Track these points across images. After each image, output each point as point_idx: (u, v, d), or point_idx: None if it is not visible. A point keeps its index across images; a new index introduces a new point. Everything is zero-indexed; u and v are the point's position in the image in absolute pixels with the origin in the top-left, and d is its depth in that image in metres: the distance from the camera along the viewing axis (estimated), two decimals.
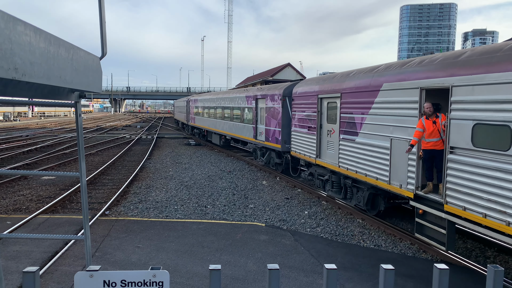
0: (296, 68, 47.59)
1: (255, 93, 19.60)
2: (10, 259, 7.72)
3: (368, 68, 10.89)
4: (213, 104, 28.39)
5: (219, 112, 26.76)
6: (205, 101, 31.25)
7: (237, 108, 22.61)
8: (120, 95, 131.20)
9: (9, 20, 1.45)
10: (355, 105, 10.86)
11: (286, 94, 16.16)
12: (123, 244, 8.70)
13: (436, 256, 8.57)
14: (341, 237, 9.87)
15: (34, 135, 36.29)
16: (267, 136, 17.88)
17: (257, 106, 19.43)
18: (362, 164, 10.51)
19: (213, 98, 28.69)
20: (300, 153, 14.73)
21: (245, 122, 21.07)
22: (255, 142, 19.73)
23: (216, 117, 27.37)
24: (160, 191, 14.38)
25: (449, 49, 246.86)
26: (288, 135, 16.15)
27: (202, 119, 32.67)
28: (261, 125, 18.76)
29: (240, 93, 22.59)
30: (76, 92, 2.47)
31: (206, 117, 30.76)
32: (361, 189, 11.14)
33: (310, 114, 13.77)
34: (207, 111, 30.38)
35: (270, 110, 17.48)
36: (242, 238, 9.32)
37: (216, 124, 27.45)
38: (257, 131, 19.40)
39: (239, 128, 22.26)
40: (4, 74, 1.43)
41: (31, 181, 15.80)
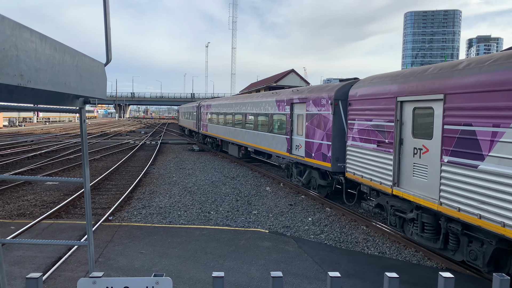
0: (300, 74, 47.65)
1: (290, 96, 15.91)
2: (13, 264, 7.73)
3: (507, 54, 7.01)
4: (231, 110, 24.72)
5: (238, 120, 23.20)
6: (221, 107, 27.36)
7: (263, 114, 18.90)
8: (124, 101, 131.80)
9: (15, 27, 1.46)
10: (478, 113, 7.18)
11: (339, 96, 12.48)
12: (126, 250, 8.69)
13: (441, 264, 8.50)
14: (345, 244, 9.81)
15: (38, 141, 36.48)
16: (308, 150, 14.08)
17: (292, 113, 15.67)
18: (492, 206, 6.78)
19: (231, 103, 24.99)
20: (363, 177, 10.91)
21: (275, 132, 17.39)
22: (290, 157, 15.83)
23: (235, 125, 23.80)
24: (163, 197, 14.38)
25: (453, 56, 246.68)
26: (341, 151, 12.39)
27: (216, 127, 28.64)
28: (299, 137, 15.05)
29: (267, 97, 18.83)
30: (80, 98, 2.48)
31: (222, 124, 26.95)
32: (481, 240, 7.39)
33: (380, 124, 10.14)
34: (223, 118, 26.58)
35: (313, 117, 13.71)
36: (245, 244, 9.29)
37: (234, 133, 23.89)
38: (292, 144, 15.66)
39: (266, 138, 18.53)
40: (9, 81, 1.44)
41: (35, 186, 15.86)
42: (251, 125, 20.78)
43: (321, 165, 13.25)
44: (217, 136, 28.63)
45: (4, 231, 9.76)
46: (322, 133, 13.14)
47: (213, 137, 30.33)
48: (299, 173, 15.59)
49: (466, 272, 7.97)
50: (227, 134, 25.47)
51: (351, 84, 12.54)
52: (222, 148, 28.25)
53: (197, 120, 36.63)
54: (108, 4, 2.53)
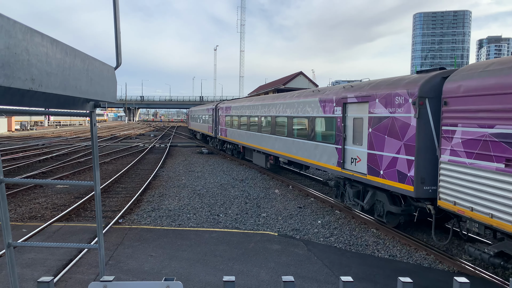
0: (308, 76, 47.57)
1: (342, 94, 12.41)
2: (25, 267, 7.80)
3: None
4: (256, 113, 21.38)
5: (266, 124, 19.81)
6: (244, 109, 23.95)
7: (301, 117, 15.54)
8: (134, 104, 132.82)
9: (27, 31, 1.47)
10: None
11: (425, 93, 9.17)
12: (136, 253, 8.72)
13: (452, 268, 8.38)
14: (355, 247, 9.74)
15: (50, 144, 36.89)
16: (373, 165, 10.73)
17: (345, 116, 12.22)
18: None
19: (256, 104, 21.54)
20: (473, 209, 7.77)
21: (318, 140, 14.01)
22: (342, 173, 12.34)
23: (261, 130, 20.37)
24: (173, 200, 14.42)
25: (463, 56, 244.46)
26: (429, 169, 9.15)
27: (238, 132, 25.08)
28: (356, 147, 11.61)
29: (307, 96, 15.35)
30: (91, 102, 2.50)
31: (245, 129, 23.49)
32: None
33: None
34: (246, 121, 23.21)
35: (381, 122, 10.37)
36: (254, 247, 9.27)
37: (260, 139, 20.52)
38: (345, 156, 12.22)
39: (304, 148, 15.17)
40: (21, 85, 1.45)
41: (46, 189, 16.02)
42: (283, 130, 17.35)
43: (396, 187, 9.74)
44: (238, 143, 25.14)
45: (16, 234, 9.86)
46: (398, 144, 9.73)
47: (233, 143, 26.77)
48: (357, 195, 11.87)
49: (479, 276, 7.85)
50: (252, 141, 22.13)
51: (442, 75, 9.24)
52: (245, 156, 24.96)
53: (214, 123, 32.80)
54: (118, 8, 2.54)
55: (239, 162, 26.01)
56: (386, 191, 10.63)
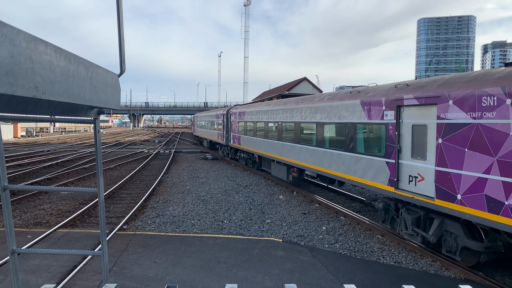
0: (312, 82, 47.59)
1: (395, 95, 10.00)
2: (30, 273, 7.81)
3: None
4: (276, 118, 18.77)
5: (289, 131, 17.21)
6: (261, 114, 21.41)
7: (337, 124, 12.86)
8: (138, 110, 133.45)
9: (31, 40, 1.48)
10: None
11: None
12: (140, 259, 8.71)
13: (459, 274, 8.30)
14: (360, 253, 9.67)
15: (55, 150, 37.08)
16: (444, 187, 8.34)
17: (400, 122, 9.80)
18: None
19: (276, 109, 18.85)
20: None
21: (361, 152, 11.48)
22: (395, 193, 9.82)
23: (283, 138, 17.79)
24: (177, 206, 14.42)
25: (468, 62, 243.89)
26: None
27: (253, 140, 22.58)
28: (418, 162, 9.09)
29: (344, 97, 12.70)
30: (95, 109, 2.51)
31: (262, 137, 20.99)
32: None
33: None
34: (264, 128, 20.65)
35: (459, 130, 8.07)
36: (259, 253, 9.23)
37: (281, 149, 17.99)
38: (400, 172, 9.74)
39: (341, 160, 12.49)
40: (25, 93, 1.46)
41: (51, 196, 16.07)
42: (311, 139, 14.78)
43: (484, 218, 7.40)
44: (254, 152, 22.61)
45: (21, 240, 9.89)
46: (488, 160, 7.40)
47: (248, 152, 24.38)
48: (416, 222, 9.40)
49: (485, 283, 7.77)
50: (270, 150, 19.58)
51: None
52: (261, 166, 22.68)
53: (225, 130, 30.23)
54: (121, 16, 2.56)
55: (243, 168, 25.98)
56: (457, 219, 8.38)
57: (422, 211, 9.26)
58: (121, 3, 2.53)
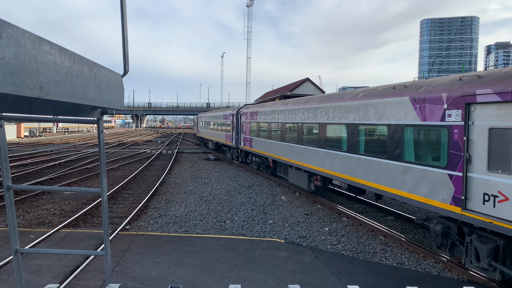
0: (315, 82, 47.56)
1: (463, 89, 7.98)
2: (33, 273, 7.83)
3: None
4: (296, 119, 16.56)
5: (311, 133, 15.02)
6: (277, 114, 19.11)
7: (377, 125, 10.68)
8: (141, 110, 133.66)
9: (35, 40, 1.48)
10: None
11: None
12: (143, 259, 8.72)
13: (462, 276, 8.27)
14: (362, 254, 9.65)
15: (58, 150, 37.18)
16: None
17: (468, 123, 7.84)
18: None
19: (296, 108, 16.65)
20: None
21: (410, 160, 9.36)
22: (463, 216, 7.73)
23: (304, 141, 15.66)
24: (179, 206, 14.43)
25: (471, 62, 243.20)
26: None
27: (268, 143, 20.46)
28: (495, 176, 7.22)
29: (386, 94, 10.49)
30: (98, 109, 2.51)
31: (277, 139, 18.79)
32: None
33: None
34: (280, 129, 18.47)
35: None
36: (261, 254, 9.22)
37: (302, 153, 15.74)
38: (469, 189, 7.72)
39: (383, 170, 10.33)
40: (29, 93, 1.46)
41: (54, 196, 16.11)
42: (341, 143, 12.64)
43: None
44: (268, 155, 20.52)
45: (24, 240, 9.92)
46: None
47: (261, 155, 22.25)
48: (494, 254, 7.32)
49: (489, 284, 7.73)
50: (287, 154, 17.46)
51: None
52: (276, 172, 20.67)
53: (234, 131, 28.06)
54: (125, 16, 2.57)
55: (245, 168, 25.97)
56: None
57: (501, 240, 7.15)
58: (125, 5, 2.54)
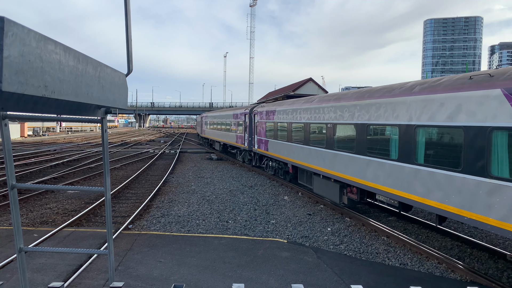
0: (318, 82, 47.51)
1: None
2: (36, 272, 7.86)
3: None
4: (325, 119, 13.81)
5: (346, 136, 12.39)
6: (299, 113, 16.42)
7: (445, 129, 8.51)
8: (144, 110, 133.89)
9: (41, 39, 1.49)
10: None
11: None
12: (146, 259, 8.74)
13: (465, 277, 8.24)
14: (365, 254, 9.63)
15: (61, 150, 37.29)
16: None
17: None
18: None
19: (325, 106, 13.93)
20: None
21: (504, 177, 6.95)
22: None
23: (335, 145, 12.98)
24: (182, 206, 14.45)
25: (475, 63, 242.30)
26: None
27: (287, 146, 17.81)
28: None
29: (457, 87, 8.23)
30: (102, 108, 2.52)
31: (300, 142, 16.14)
32: None
33: None
34: (303, 130, 15.89)
35: None
36: (263, 254, 9.22)
37: (333, 160, 13.11)
38: None
39: (455, 187, 8.00)
40: (34, 92, 1.47)
41: (57, 195, 16.17)
42: (388, 149, 10.28)
43: None
44: (287, 160, 17.96)
45: (27, 239, 9.95)
46: None
47: (279, 160, 19.70)
48: None
49: (492, 285, 7.71)
50: (313, 160, 14.81)
51: None
52: (297, 179, 17.91)
53: (247, 132, 25.59)
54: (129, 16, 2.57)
55: (248, 168, 25.96)
56: None
57: None
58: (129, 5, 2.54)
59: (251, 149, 24.90)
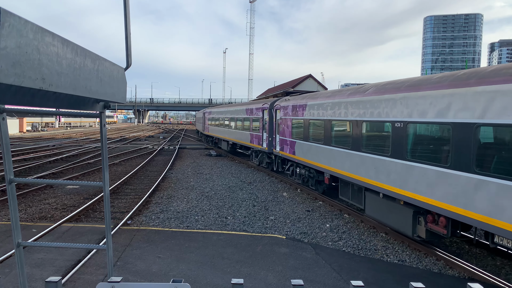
0: (317, 79, 47.44)
1: None
2: (35, 267, 7.85)
3: None
4: (394, 115, 9.91)
5: (433, 141, 8.57)
6: (346, 107, 12.52)
7: None
8: (143, 106, 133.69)
9: (38, 31, 1.47)
10: None
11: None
12: (144, 254, 8.74)
13: (463, 273, 8.26)
14: (363, 251, 9.65)
15: (60, 145, 37.25)
16: None
17: None
18: None
19: (390, 99, 10.15)
20: None
21: None
22: None
23: (409, 154, 9.30)
24: (181, 202, 14.45)
25: (474, 60, 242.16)
26: None
27: (324, 150, 14.08)
28: None
29: None
30: (101, 103, 2.50)
31: (343, 145, 12.56)
32: None
33: None
34: (350, 129, 12.19)
35: None
36: (262, 250, 9.23)
37: (403, 173, 9.46)
38: None
39: None
40: (31, 84, 1.45)
41: (56, 190, 16.15)
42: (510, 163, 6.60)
43: None
44: (325, 169, 14.05)
45: (26, 234, 9.95)
46: None
47: (310, 167, 15.79)
48: None
49: (490, 282, 7.72)
50: (365, 171, 11.17)
51: None
52: (338, 194, 13.43)
53: (266, 131, 21.56)
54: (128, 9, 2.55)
55: (247, 164, 25.95)
56: None
57: None
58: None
59: (271, 151, 21.07)
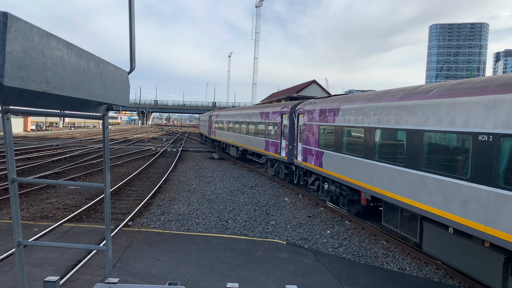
0: (321, 85, 47.48)
1: None
2: (35, 266, 7.88)
3: None
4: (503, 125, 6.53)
5: None
6: (397, 112, 9.86)
7: None
8: (147, 108, 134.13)
9: (43, 35, 1.50)
10: None
11: None
12: (144, 256, 8.75)
13: (463, 283, 8.22)
14: (364, 258, 9.62)
15: (63, 145, 37.39)
16: None
17: None
18: None
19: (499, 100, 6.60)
20: None
21: None
22: None
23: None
24: (182, 204, 14.46)
25: (479, 69, 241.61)
26: None
27: (361, 164, 11.64)
28: None
29: None
30: (104, 105, 2.53)
31: (392, 162, 10.04)
32: None
33: None
34: (409, 141, 9.28)
35: None
36: (262, 255, 9.22)
37: (498, 208, 6.51)
38: None
39: None
40: (35, 87, 1.48)
41: (58, 190, 16.21)
42: None
43: None
44: (364, 188, 11.53)
45: (27, 233, 9.99)
46: None
47: (343, 183, 13.27)
48: None
49: None
50: (425, 196, 8.52)
51: None
52: (383, 220, 10.73)
53: (286, 138, 19.22)
54: (133, 13, 2.58)
55: (249, 168, 25.95)
56: None
57: None
58: (133, 1, 2.55)
59: (291, 161, 18.81)
